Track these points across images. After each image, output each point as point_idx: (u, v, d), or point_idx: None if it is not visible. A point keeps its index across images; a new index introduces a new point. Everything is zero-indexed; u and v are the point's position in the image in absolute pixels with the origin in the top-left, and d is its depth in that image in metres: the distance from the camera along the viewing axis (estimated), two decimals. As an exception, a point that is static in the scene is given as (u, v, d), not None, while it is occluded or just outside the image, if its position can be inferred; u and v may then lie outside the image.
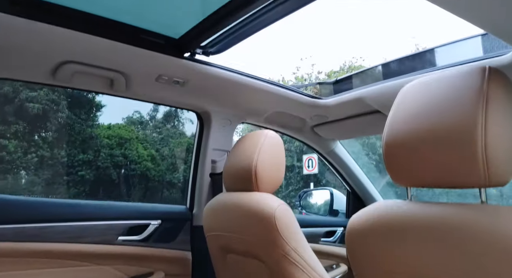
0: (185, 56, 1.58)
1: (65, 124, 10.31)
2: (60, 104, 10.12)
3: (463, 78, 0.85)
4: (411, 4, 13.21)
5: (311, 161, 9.45)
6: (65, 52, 1.45)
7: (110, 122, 11.40)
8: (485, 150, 0.76)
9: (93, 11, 1.39)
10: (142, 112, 11.80)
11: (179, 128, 12.25)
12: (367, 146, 10.33)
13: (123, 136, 11.19)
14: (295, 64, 16.13)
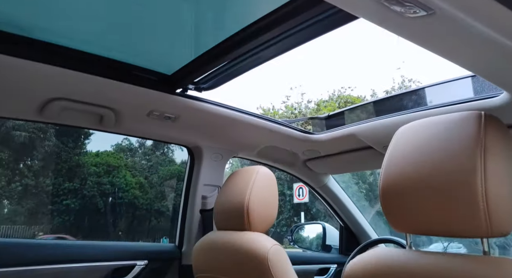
0: (177, 92, 1.57)
1: (52, 153, 10.16)
2: (47, 133, 10.00)
3: (459, 124, 0.85)
4: (397, 37, 13.74)
5: (302, 190, 9.40)
6: (53, 90, 1.42)
7: (99, 149, 11.26)
8: (486, 199, 0.76)
9: (83, 49, 1.38)
10: (131, 140, 11.71)
11: (169, 156, 12.14)
12: (357, 174, 10.35)
13: (111, 164, 11.03)
14: (285, 93, 16.41)
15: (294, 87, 15.59)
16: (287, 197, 11.15)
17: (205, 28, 1.42)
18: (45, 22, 1.31)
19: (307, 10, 1.08)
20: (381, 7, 0.79)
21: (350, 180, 10.06)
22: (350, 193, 2.42)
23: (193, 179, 1.89)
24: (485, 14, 0.77)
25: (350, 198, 2.35)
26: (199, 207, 1.86)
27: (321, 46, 15.39)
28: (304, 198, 9.58)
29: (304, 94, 15.72)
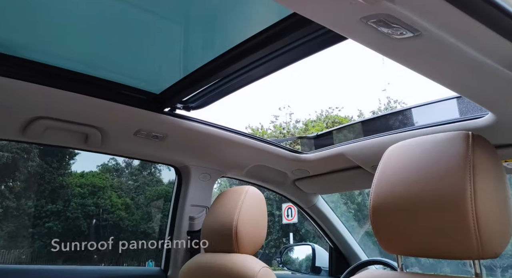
0: (165, 111, 1.55)
1: (35, 173, 9.93)
2: (31, 153, 9.80)
3: (448, 144, 0.86)
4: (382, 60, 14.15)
5: (291, 210, 9.32)
6: (37, 108, 1.39)
7: (84, 170, 11.06)
8: (477, 219, 0.75)
9: (69, 67, 1.36)
10: (118, 160, 11.54)
11: (156, 176, 11.98)
12: (345, 194, 10.36)
13: (96, 184, 10.81)
14: (273, 113, 16.56)
15: (282, 107, 15.74)
16: (276, 218, 11.04)
17: (194, 47, 1.43)
18: (28, 40, 1.30)
19: (296, 31, 1.09)
20: (369, 28, 0.80)
21: (339, 200, 10.04)
22: (338, 213, 2.40)
23: (181, 199, 1.85)
24: (470, 36, 0.79)
25: (339, 218, 2.33)
26: (186, 228, 1.82)
27: (309, 67, 15.71)
28: (293, 218, 9.50)
29: (293, 115, 15.91)
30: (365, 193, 10.49)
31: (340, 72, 16.38)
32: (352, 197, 10.42)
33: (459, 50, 0.83)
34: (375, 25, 0.79)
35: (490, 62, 0.86)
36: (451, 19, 0.74)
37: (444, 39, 0.80)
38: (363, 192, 10.46)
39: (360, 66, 15.35)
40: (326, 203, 2.31)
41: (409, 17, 0.74)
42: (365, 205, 10.38)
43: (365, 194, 10.59)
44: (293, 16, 1.05)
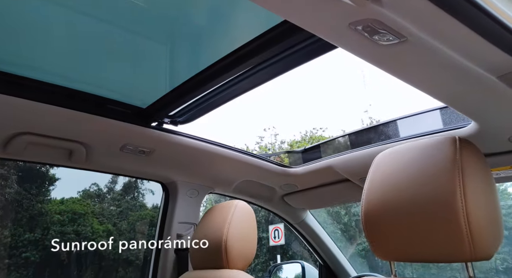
0: (152, 125, 1.54)
1: (12, 201, 9.58)
2: (8, 179, 9.49)
3: (436, 149, 0.87)
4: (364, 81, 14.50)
5: (277, 232, 9.19)
6: (18, 123, 1.35)
7: (64, 196, 10.74)
8: (467, 219, 0.76)
9: (52, 81, 1.33)
10: (100, 185, 11.28)
11: (139, 200, 11.73)
12: (332, 214, 10.34)
13: (77, 211, 10.49)
14: (258, 134, 16.63)
15: (267, 128, 15.83)
16: (263, 241, 10.87)
17: (180, 62, 1.43)
18: (11, 54, 1.28)
19: (281, 41, 1.11)
20: (357, 35, 0.82)
21: (326, 221, 9.99)
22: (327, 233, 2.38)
23: (168, 216, 1.81)
24: (456, 41, 0.81)
25: (328, 234, 2.31)
26: (174, 246, 1.76)
27: (293, 88, 16.02)
28: (280, 240, 9.35)
29: (278, 135, 16.04)
30: (351, 213, 10.50)
31: (323, 94, 16.73)
32: (338, 217, 10.40)
33: (444, 56, 0.85)
34: (363, 31, 0.81)
35: (475, 67, 0.88)
36: (438, 24, 0.75)
37: (430, 44, 0.82)
38: (349, 212, 10.45)
39: (342, 88, 15.74)
40: (315, 218, 2.30)
41: (395, 21, 0.76)
42: (351, 225, 10.36)
43: (351, 214, 10.59)
44: (279, 27, 1.07)
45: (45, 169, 10.22)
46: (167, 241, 1.73)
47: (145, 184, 11.56)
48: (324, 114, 16.17)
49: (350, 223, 10.45)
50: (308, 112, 15.67)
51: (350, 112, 18.51)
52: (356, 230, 9.45)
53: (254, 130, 17.53)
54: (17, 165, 9.69)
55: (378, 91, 15.97)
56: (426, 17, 0.74)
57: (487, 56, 0.83)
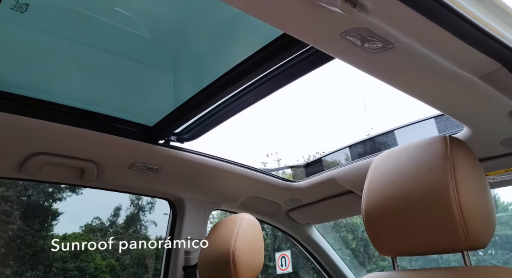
0: (159, 142, 1.60)
1: (15, 237, 9.47)
2: (12, 216, 9.44)
3: (428, 147, 0.94)
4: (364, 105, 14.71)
5: (284, 259, 9.00)
6: (34, 144, 1.42)
7: (66, 231, 10.62)
8: (461, 209, 0.82)
9: (65, 102, 1.42)
10: (102, 219, 11.18)
11: (142, 233, 11.58)
12: (339, 240, 10.16)
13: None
14: (261, 160, 16.61)
15: (270, 154, 15.85)
16: (270, 269, 10.63)
17: (183, 81, 1.52)
18: (27, 79, 1.37)
19: (280, 54, 1.19)
20: (348, 43, 0.89)
21: (333, 245, 9.80)
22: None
23: (176, 233, 1.83)
24: (441, 46, 0.87)
25: (334, 249, 2.31)
26: (182, 263, 1.78)
27: (295, 114, 16.26)
28: (287, 268, 9.15)
29: (280, 160, 16.00)
30: (358, 237, 10.33)
31: (325, 119, 16.97)
32: (346, 242, 10.23)
33: (429, 60, 0.92)
34: (354, 39, 0.89)
35: (458, 70, 0.94)
36: (420, 29, 0.82)
37: (415, 49, 0.88)
38: (356, 237, 10.28)
39: (343, 113, 15.99)
40: (321, 234, 2.31)
41: (382, 29, 0.83)
42: (359, 250, 10.17)
43: (359, 239, 10.41)
44: (276, 41, 1.15)
45: (47, 204, 10.19)
46: (174, 258, 1.75)
47: (147, 215, 11.45)
48: (326, 139, 16.26)
49: (359, 248, 10.25)
50: (311, 137, 15.78)
51: (352, 136, 18.60)
52: (365, 256, 9.25)
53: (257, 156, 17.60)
54: (20, 201, 9.68)
55: (379, 115, 16.17)
56: (409, 24, 0.81)
57: (468, 58, 0.89)
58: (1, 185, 9.35)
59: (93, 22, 1.24)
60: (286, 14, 0.84)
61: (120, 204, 11.60)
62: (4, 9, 0.99)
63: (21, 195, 9.74)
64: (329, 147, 20.37)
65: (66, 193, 10.50)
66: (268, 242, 11.85)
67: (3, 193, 9.23)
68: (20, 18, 1.11)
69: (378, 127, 18.83)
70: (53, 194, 10.34)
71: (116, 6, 1.22)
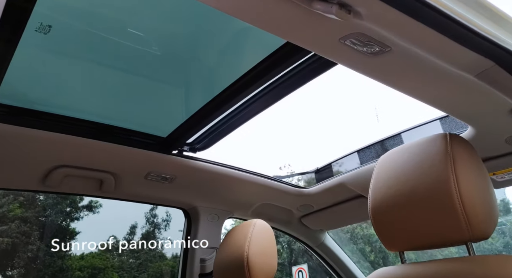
0: (173, 152, 1.67)
1: (35, 258, 9.61)
2: (31, 236, 9.60)
3: (430, 144, 0.98)
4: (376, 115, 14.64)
5: (301, 273, 8.88)
6: (57, 157, 1.51)
7: (84, 251, 10.72)
8: (462, 202, 0.85)
9: (84, 117, 1.51)
10: (118, 237, 11.26)
11: (158, 250, 11.60)
12: (356, 252, 10.00)
13: (96, 266, 10.40)
14: (274, 173, 16.55)
15: (283, 166, 15.82)
16: (287, 285, 10.47)
17: (192, 94, 1.60)
18: (50, 97, 1.47)
19: (285, 62, 1.25)
20: (347, 48, 0.93)
21: (352, 258, 9.63)
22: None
23: (190, 241, 1.88)
24: (435, 48, 0.91)
25: (349, 256, 2.32)
26: (198, 271, 1.82)
27: (307, 125, 16.26)
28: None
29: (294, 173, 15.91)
30: (377, 249, 10.17)
31: (338, 130, 16.91)
32: (364, 254, 10.06)
33: (427, 62, 0.96)
34: (352, 44, 0.94)
35: (457, 71, 0.98)
36: (413, 32, 0.86)
37: (413, 52, 0.92)
38: (375, 249, 10.12)
39: (355, 123, 15.92)
40: (334, 240, 2.32)
41: (378, 33, 0.88)
42: (378, 263, 9.98)
43: (377, 251, 10.25)
44: (281, 50, 1.21)
45: (65, 224, 10.33)
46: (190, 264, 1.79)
47: (162, 233, 11.51)
48: (339, 149, 16.18)
49: (377, 261, 10.07)
50: (324, 148, 15.73)
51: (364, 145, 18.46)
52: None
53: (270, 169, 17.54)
54: (39, 221, 9.84)
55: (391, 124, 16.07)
56: (402, 27, 0.85)
57: (461, 57, 0.93)
58: (20, 206, 9.56)
59: (109, 43, 1.33)
60: (287, 23, 0.89)
61: (136, 222, 11.68)
62: (29, 30, 1.09)
63: (40, 216, 9.93)
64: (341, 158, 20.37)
65: (83, 212, 10.65)
66: (285, 256, 11.73)
67: (22, 214, 9.43)
68: (43, 40, 1.21)
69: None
70: (71, 214, 10.51)
71: (129, 27, 1.31)
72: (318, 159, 20.33)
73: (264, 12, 0.85)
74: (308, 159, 19.52)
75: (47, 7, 1.09)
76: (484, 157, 1.47)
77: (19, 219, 9.21)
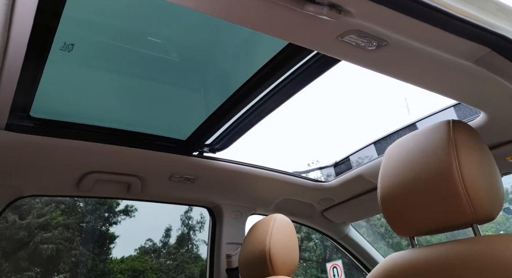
0: (194, 154, 1.76)
1: (78, 262, 10.08)
2: (74, 242, 10.08)
3: (434, 132, 1.01)
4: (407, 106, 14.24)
5: (336, 269, 8.82)
6: (88, 164, 1.63)
7: (124, 254, 11.12)
8: (464, 185, 0.88)
9: (112, 126, 1.63)
10: (154, 240, 11.61)
11: (193, 252, 11.86)
12: (378, 251, 9.80)
13: (136, 268, 10.78)
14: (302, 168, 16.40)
15: (311, 162, 15.75)
16: (322, 282, 10.43)
17: (208, 97, 1.67)
18: (77, 108, 1.59)
19: (291, 60, 1.30)
20: (346, 45, 0.97)
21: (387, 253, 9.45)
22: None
23: (216, 238, 1.96)
24: (431, 40, 0.93)
25: (385, 250, 2.32)
26: (225, 266, 1.90)
27: (338, 120, 16.06)
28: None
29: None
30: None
31: (367, 123, 16.57)
32: (401, 248, 9.84)
33: (425, 52, 0.98)
34: (350, 40, 0.97)
35: (455, 59, 1.00)
36: (406, 26, 0.89)
37: (409, 44, 0.95)
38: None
39: (386, 116, 15.52)
40: (358, 232, 2.34)
41: (372, 29, 0.91)
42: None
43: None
44: (287, 49, 1.26)
45: (104, 229, 10.79)
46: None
47: (197, 235, 11.75)
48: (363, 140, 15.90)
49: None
50: (354, 143, 15.51)
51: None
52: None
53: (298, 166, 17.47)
54: (80, 227, 10.32)
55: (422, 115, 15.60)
56: (393, 22, 0.88)
57: (457, 46, 0.95)
58: (62, 213, 10.06)
59: (130, 53, 1.43)
60: (285, 26, 0.94)
61: (170, 225, 11.97)
62: (54, 50, 1.20)
63: (81, 222, 10.42)
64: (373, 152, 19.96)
65: (120, 217, 11.05)
66: (318, 253, 11.67)
67: (64, 221, 9.93)
68: (68, 57, 1.32)
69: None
70: (109, 218, 10.94)
71: (149, 36, 1.41)
72: (348, 153, 20.03)
73: (262, 17, 0.90)
74: (337, 153, 19.31)
75: (69, 26, 1.18)
76: (499, 141, 1.46)
77: (62, 225, 9.72)
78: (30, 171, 1.56)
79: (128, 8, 1.30)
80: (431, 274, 0.88)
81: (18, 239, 9.26)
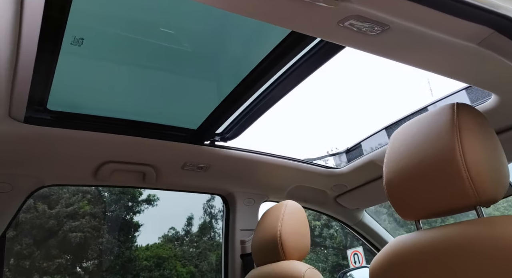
0: (205, 143, 1.79)
1: (105, 250, 10.44)
2: (100, 230, 10.44)
3: (438, 115, 1.00)
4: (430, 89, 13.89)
5: (357, 256, 8.83)
6: (104, 154, 1.69)
7: (148, 242, 11.43)
8: (467, 168, 0.88)
9: (123, 117, 1.67)
10: (177, 228, 11.87)
11: (216, 239, 12.09)
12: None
13: (161, 255, 11.10)
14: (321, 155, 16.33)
15: (330, 150, 15.69)
16: (344, 268, 10.47)
17: (217, 85, 1.69)
18: (92, 100, 1.64)
19: (295, 48, 1.30)
20: (348, 30, 0.97)
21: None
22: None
23: (230, 225, 2.01)
24: (433, 23, 0.92)
25: (389, 232, 2.32)
26: (239, 252, 1.95)
27: (361, 106, 15.84)
28: (361, 264, 8.94)
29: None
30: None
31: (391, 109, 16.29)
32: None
33: (428, 35, 0.97)
34: (351, 26, 0.96)
35: (459, 41, 0.98)
36: (406, 10, 0.88)
37: (411, 28, 0.94)
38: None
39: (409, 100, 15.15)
40: (373, 218, 2.34)
41: (373, 14, 0.90)
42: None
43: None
44: (294, 33, 1.26)
45: (129, 217, 11.12)
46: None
47: (219, 223, 11.94)
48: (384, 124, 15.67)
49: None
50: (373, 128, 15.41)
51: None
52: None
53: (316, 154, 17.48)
54: (106, 216, 10.68)
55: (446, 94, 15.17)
56: (395, 7, 0.87)
57: (460, 28, 0.94)
58: (88, 203, 10.42)
59: (142, 44, 1.44)
60: (285, 15, 0.94)
61: (192, 213, 12.20)
62: (65, 45, 1.24)
63: (106, 211, 10.77)
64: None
65: (143, 206, 11.35)
66: (339, 240, 11.67)
67: (91, 210, 10.29)
68: (79, 50, 1.37)
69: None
70: (133, 208, 11.26)
71: (161, 27, 1.42)
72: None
73: (263, 7, 0.91)
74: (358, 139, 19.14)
75: (79, 18, 1.20)
76: (510, 124, 1.43)
77: (89, 214, 10.09)
78: (50, 162, 1.63)
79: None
80: (436, 255, 0.90)
81: (48, 228, 9.69)
